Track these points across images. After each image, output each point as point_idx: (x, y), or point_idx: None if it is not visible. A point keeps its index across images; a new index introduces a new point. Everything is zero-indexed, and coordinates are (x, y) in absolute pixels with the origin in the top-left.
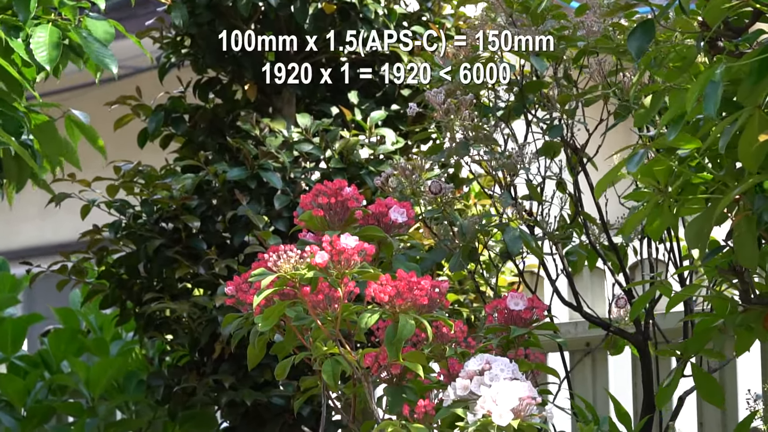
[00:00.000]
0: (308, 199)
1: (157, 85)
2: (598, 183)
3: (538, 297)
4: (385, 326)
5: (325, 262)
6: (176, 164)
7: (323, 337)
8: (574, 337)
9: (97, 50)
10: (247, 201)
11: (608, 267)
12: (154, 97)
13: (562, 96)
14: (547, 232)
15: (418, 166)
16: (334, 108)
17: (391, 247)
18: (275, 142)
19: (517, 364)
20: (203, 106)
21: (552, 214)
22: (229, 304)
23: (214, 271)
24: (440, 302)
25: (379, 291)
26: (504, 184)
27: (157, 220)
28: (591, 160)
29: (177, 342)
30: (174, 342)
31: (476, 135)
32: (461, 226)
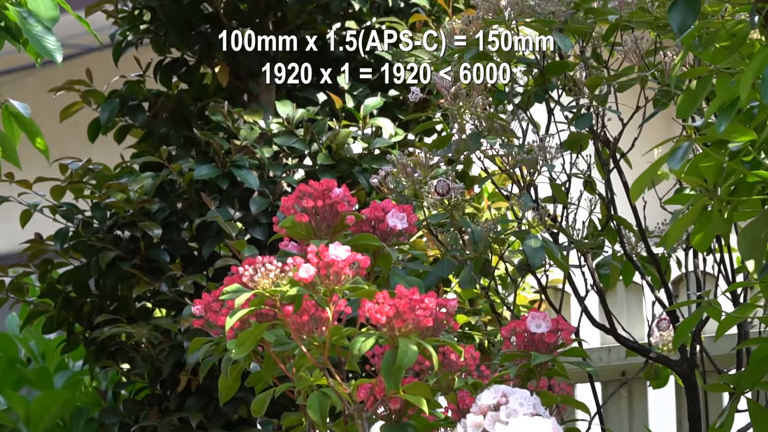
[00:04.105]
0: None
1: (111, 68)
2: (634, 183)
3: (564, 317)
4: (383, 353)
5: (311, 277)
6: (134, 161)
7: (309, 366)
8: (607, 366)
9: (38, 35)
10: (218, 205)
11: (647, 282)
12: (107, 81)
13: (591, 79)
14: (575, 240)
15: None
16: (320, 94)
17: (389, 259)
18: (251, 135)
19: (539, 398)
20: (166, 92)
21: (580, 219)
22: (197, 327)
23: (178, 289)
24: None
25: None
26: (523, 184)
27: (111, 227)
28: (625, 155)
29: (135, 372)
30: (131, 372)
31: (490, 125)
32: (472, 233)
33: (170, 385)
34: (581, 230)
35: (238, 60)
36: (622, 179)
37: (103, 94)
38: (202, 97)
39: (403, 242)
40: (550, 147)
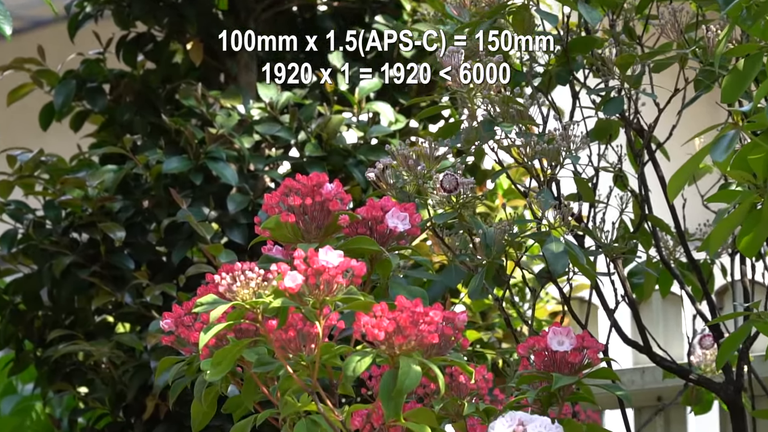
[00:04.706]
0: (275, 200)
1: (66, 44)
2: (672, 177)
3: (591, 333)
4: (381, 374)
5: (298, 287)
6: (92, 152)
7: (295, 390)
8: (641, 389)
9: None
10: (190, 203)
11: (687, 292)
12: (61, 60)
13: (623, 57)
14: (603, 244)
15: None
16: None
17: (389, 266)
18: (229, 122)
19: (561, 426)
20: (129, 72)
21: (609, 219)
22: (166, 345)
23: (144, 300)
24: (456, 341)
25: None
26: (543, 179)
27: (67, 229)
28: (662, 146)
29: (94, 397)
30: (90, 397)
31: (505, 110)
32: (484, 236)
33: (135, 411)
34: (610, 232)
35: (214, 35)
36: (658, 173)
37: (57, 74)
38: (172, 78)
39: (404, 246)
40: (575, 136)
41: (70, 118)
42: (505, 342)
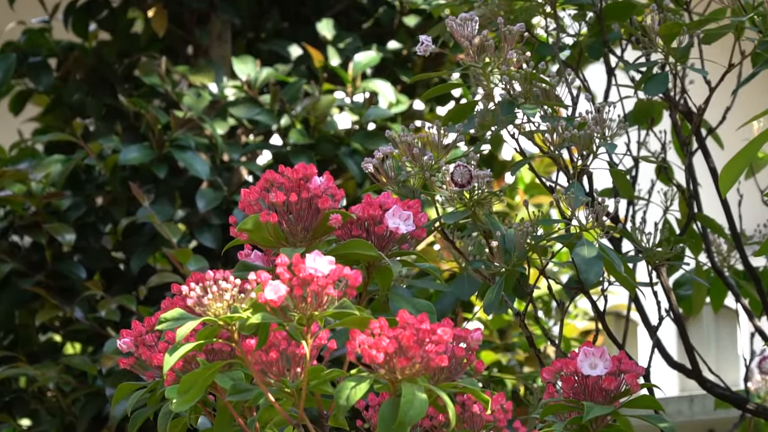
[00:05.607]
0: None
1: (5, 10)
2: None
3: (629, 355)
4: (379, 403)
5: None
6: (36, 139)
7: (278, 421)
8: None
9: None
10: (153, 200)
11: (743, 306)
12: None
13: (667, 26)
14: (644, 248)
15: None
16: (294, 47)
17: (389, 275)
18: (198, 104)
19: None
20: (80, 44)
21: (651, 219)
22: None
23: (98, 315)
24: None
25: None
26: (573, 171)
27: (6, 231)
28: (713, 131)
29: (39, 429)
30: (34, 430)
31: (527, 90)
32: (503, 239)
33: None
34: (653, 235)
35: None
36: (709, 164)
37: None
38: (131, 51)
39: (407, 251)
40: (611, 120)
41: (10, 99)
42: (527, 365)
